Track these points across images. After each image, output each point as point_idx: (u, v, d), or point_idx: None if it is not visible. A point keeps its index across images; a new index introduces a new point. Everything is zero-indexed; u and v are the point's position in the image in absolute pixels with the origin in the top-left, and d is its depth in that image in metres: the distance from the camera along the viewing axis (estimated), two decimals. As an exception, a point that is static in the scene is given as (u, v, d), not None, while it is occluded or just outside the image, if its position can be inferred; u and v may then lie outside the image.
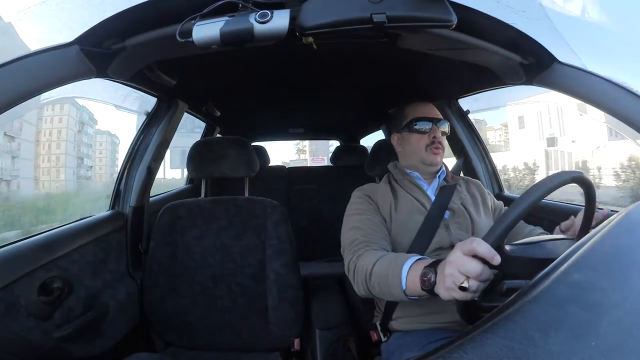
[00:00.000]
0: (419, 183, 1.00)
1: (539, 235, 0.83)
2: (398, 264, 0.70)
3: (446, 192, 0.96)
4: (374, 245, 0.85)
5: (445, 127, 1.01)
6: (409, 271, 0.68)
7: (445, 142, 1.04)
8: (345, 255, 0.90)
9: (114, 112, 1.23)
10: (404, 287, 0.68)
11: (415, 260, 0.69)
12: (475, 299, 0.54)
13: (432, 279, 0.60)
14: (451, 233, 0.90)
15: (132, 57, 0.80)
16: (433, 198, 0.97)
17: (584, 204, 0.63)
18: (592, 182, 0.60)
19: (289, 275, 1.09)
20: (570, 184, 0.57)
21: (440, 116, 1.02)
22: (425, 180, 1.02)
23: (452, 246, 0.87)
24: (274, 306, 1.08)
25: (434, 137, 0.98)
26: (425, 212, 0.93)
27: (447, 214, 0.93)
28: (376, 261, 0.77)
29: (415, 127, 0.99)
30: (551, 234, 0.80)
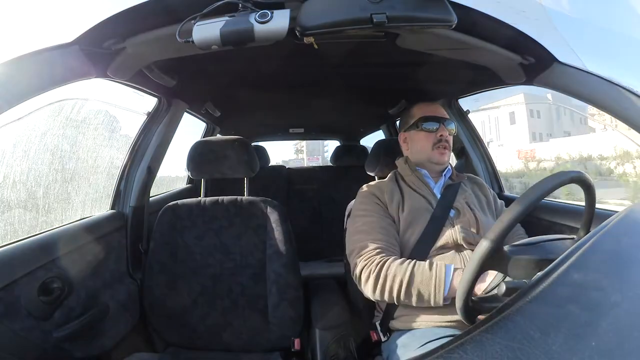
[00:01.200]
0: (427, 181, 1.01)
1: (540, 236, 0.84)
2: (441, 273, 0.78)
3: (451, 190, 0.98)
4: (392, 252, 0.88)
5: (452, 127, 1.03)
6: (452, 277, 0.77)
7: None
8: (353, 259, 0.90)
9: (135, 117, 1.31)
10: (446, 294, 0.76)
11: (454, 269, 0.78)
12: (474, 298, 0.54)
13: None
14: (456, 232, 0.91)
15: (132, 57, 0.80)
16: (439, 196, 0.98)
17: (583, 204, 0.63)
18: (592, 181, 0.60)
19: (289, 275, 1.09)
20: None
21: (447, 116, 1.04)
22: (433, 179, 1.03)
23: (457, 245, 0.89)
24: (274, 306, 1.08)
25: (440, 136, 1.00)
26: (431, 210, 0.94)
27: (452, 212, 0.94)
28: (413, 270, 0.81)
29: (422, 126, 1.01)
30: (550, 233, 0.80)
